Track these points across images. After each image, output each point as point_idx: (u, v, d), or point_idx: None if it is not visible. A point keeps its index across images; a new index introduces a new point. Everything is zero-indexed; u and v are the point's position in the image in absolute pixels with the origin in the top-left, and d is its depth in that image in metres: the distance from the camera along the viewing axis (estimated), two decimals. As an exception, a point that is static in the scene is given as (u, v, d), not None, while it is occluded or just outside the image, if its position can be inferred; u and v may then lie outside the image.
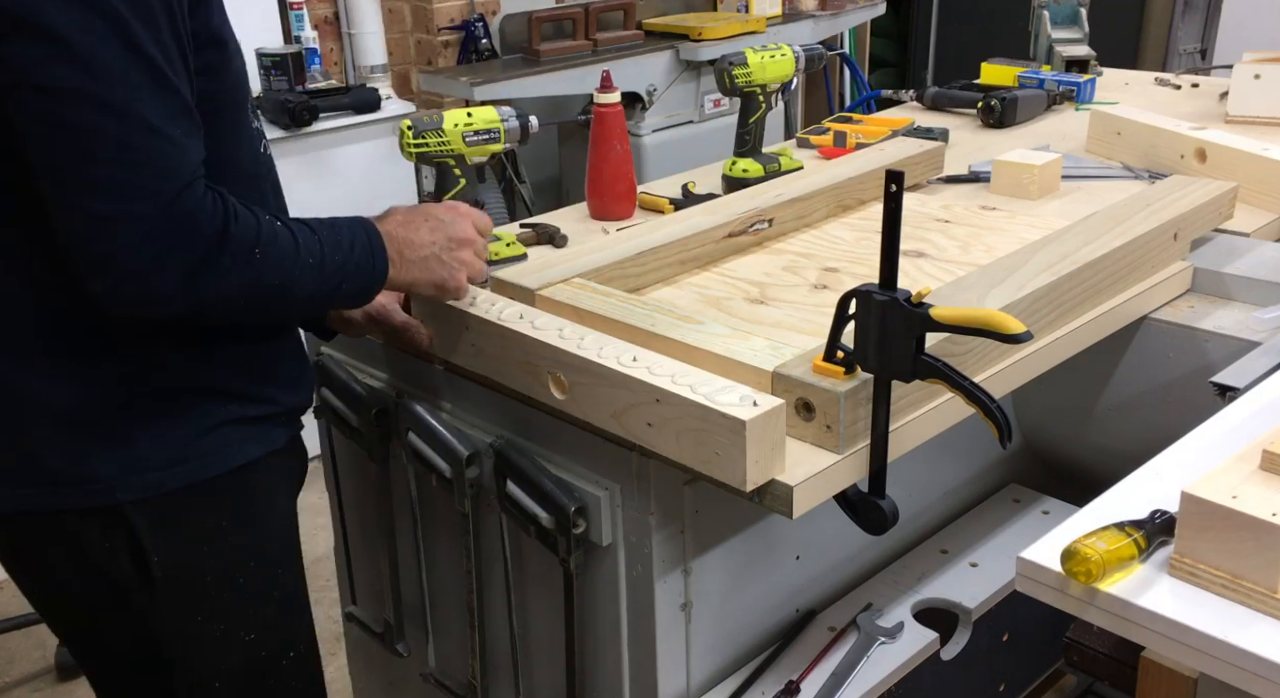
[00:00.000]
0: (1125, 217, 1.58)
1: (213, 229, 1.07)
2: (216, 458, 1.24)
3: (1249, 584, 0.92)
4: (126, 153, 1.01)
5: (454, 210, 1.32)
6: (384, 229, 1.25)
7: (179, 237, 1.05)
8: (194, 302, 1.08)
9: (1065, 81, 2.53)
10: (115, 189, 1.02)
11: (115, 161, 1.01)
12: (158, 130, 1.03)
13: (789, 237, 1.74)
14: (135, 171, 1.02)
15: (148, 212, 1.03)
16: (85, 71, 0.99)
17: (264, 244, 1.12)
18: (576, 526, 1.33)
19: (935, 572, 1.68)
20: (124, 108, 1.01)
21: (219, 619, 1.29)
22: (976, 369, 1.31)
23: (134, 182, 1.02)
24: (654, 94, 3.75)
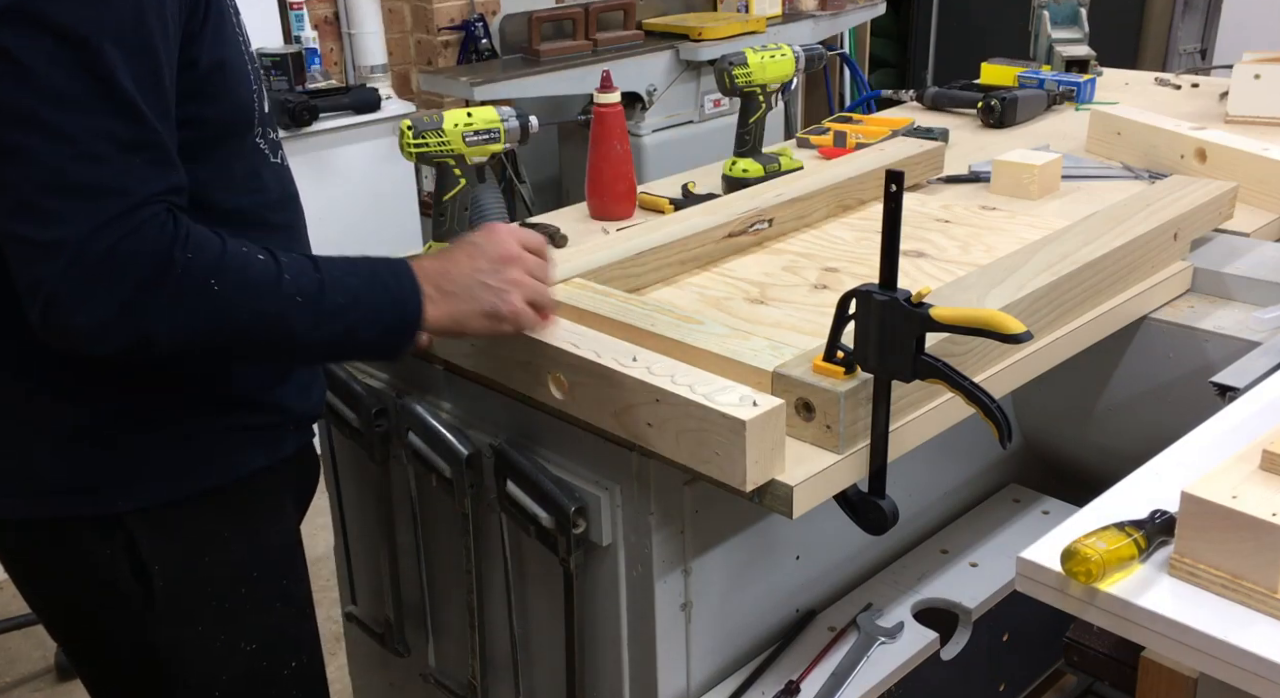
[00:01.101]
0: (1125, 217, 1.58)
1: (153, 257, 1.00)
2: (220, 467, 1.22)
3: (1249, 584, 0.92)
4: (60, 177, 0.97)
5: (491, 232, 1.23)
6: (416, 265, 1.16)
7: (108, 266, 0.99)
8: (135, 337, 1.02)
9: (1065, 81, 2.53)
10: (44, 215, 0.97)
11: (47, 186, 0.97)
12: (101, 157, 0.98)
13: (789, 237, 1.74)
14: (67, 198, 0.98)
15: (74, 238, 0.97)
16: (30, 92, 0.96)
17: (225, 275, 1.04)
18: (576, 526, 1.32)
19: (935, 572, 1.68)
20: (64, 131, 0.97)
21: (220, 629, 1.27)
22: (976, 369, 1.31)
23: (64, 208, 0.97)
24: (654, 94, 3.75)
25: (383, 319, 1.13)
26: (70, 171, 0.97)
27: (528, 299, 1.20)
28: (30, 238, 0.98)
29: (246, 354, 1.15)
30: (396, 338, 1.15)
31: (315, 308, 1.08)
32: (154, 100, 1.02)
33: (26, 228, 0.98)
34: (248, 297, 1.05)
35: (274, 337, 1.08)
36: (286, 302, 1.07)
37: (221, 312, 1.04)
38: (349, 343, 1.13)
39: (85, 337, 1.01)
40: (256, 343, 1.09)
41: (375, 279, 1.13)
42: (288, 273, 1.08)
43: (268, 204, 1.25)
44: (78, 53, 0.97)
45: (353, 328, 1.11)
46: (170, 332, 1.02)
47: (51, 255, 0.98)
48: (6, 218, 0.99)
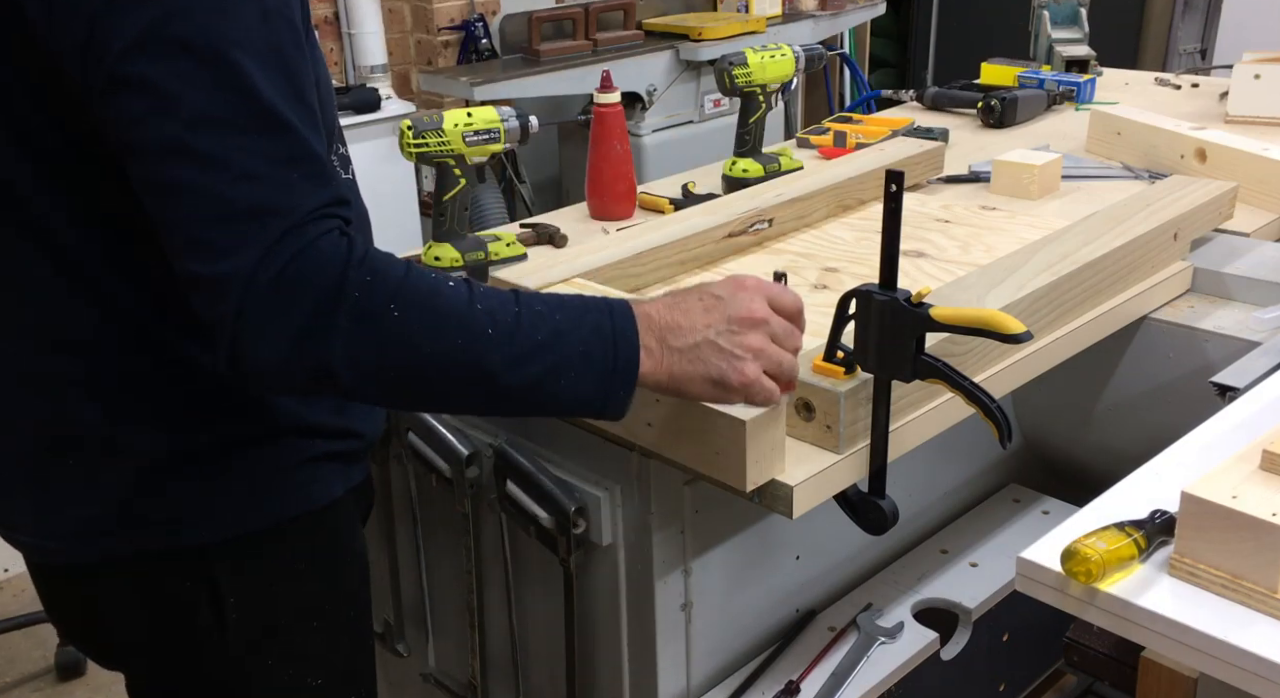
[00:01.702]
0: (1125, 217, 1.58)
1: (326, 280, 0.91)
2: (299, 497, 1.17)
3: (1249, 584, 0.92)
4: (220, 206, 0.91)
5: (739, 285, 1.05)
6: (641, 310, 1.02)
7: (280, 294, 0.91)
8: (316, 368, 0.93)
9: (1065, 81, 2.53)
10: (211, 249, 0.91)
11: (209, 218, 0.91)
12: (256, 174, 0.91)
13: (789, 237, 1.74)
14: (230, 226, 0.91)
15: (244, 269, 0.90)
16: (175, 120, 0.90)
17: (406, 300, 0.93)
18: (576, 526, 1.33)
19: (935, 572, 1.68)
20: (213, 157, 0.90)
21: (289, 664, 1.22)
22: (976, 369, 1.31)
23: (229, 237, 0.91)
24: (654, 94, 3.75)
25: (591, 365, 0.99)
26: (229, 198, 0.91)
27: (767, 370, 1.04)
28: (204, 275, 0.91)
29: (438, 393, 1.00)
30: (605, 388, 1.00)
31: (510, 343, 0.96)
32: (299, 109, 0.95)
33: (199, 266, 0.91)
34: (433, 325, 0.94)
35: (464, 373, 0.96)
36: (478, 334, 0.95)
37: (403, 341, 0.94)
38: (549, 389, 0.98)
39: (267, 373, 0.94)
40: (446, 379, 0.97)
41: (584, 318, 1.00)
42: (480, 303, 0.96)
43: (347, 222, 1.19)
44: (214, 70, 0.91)
45: (553, 371, 0.97)
46: (350, 362, 0.93)
47: (225, 291, 0.91)
48: (181, 260, 0.93)
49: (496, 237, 1.68)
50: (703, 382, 1.03)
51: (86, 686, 2.58)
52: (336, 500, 1.19)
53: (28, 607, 2.76)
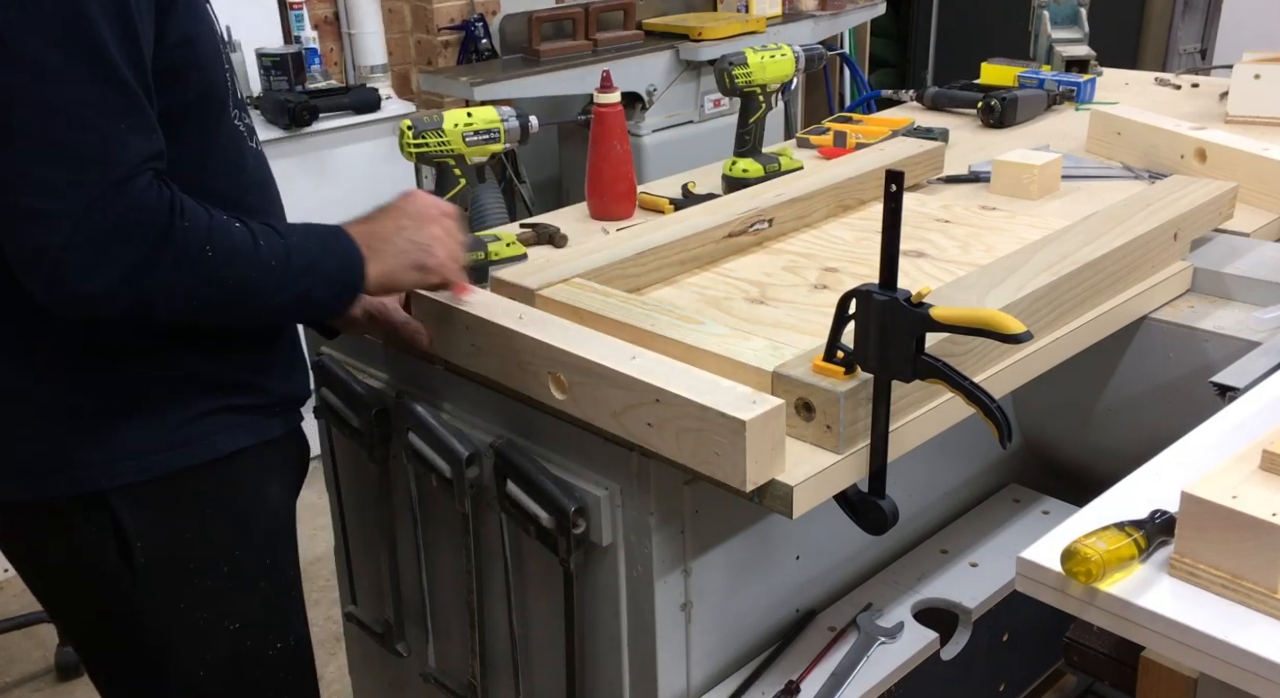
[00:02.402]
0: (1125, 217, 1.58)
1: (154, 225, 1.05)
2: (201, 446, 1.25)
3: (1249, 584, 0.92)
4: (53, 147, 1.00)
5: (409, 195, 1.31)
6: (348, 228, 1.24)
7: (115, 233, 1.03)
8: (138, 301, 1.06)
9: (1065, 81, 2.53)
10: (44, 185, 1.00)
11: (42, 156, 1.00)
12: (90, 124, 1.02)
13: (789, 237, 1.74)
14: (64, 166, 1.01)
15: (77, 206, 1.01)
16: (16, 68, 0.99)
17: (216, 242, 1.09)
18: (576, 526, 1.32)
19: (935, 572, 1.68)
20: (52, 102, 1.00)
21: (203, 607, 1.30)
22: (976, 369, 1.31)
23: (63, 177, 1.00)
24: (654, 94, 3.75)
25: (333, 281, 1.19)
26: (62, 140, 1.00)
27: (449, 254, 1.28)
28: (30, 208, 1.01)
29: (223, 317, 1.18)
30: (346, 297, 1.21)
31: (283, 273, 1.14)
32: (136, 67, 1.05)
33: (25, 198, 1.00)
34: (234, 262, 1.10)
35: (250, 299, 1.14)
36: (262, 267, 1.13)
37: (212, 277, 1.09)
38: (304, 304, 1.19)
39: (90, 303, 1.04)
40: (235, 306, 1.14)
41: (325, 244, 1.19)
42: (261, 239, 1.14)
43: (245, 187, 1.29)
44: (64, 22, 1.00)
45: (309, 290, 1.17)
46: (168, 297, 1.07)
47: (54, 224, 1.00)
48: (6, 191, 1.01)
49: (496, 236, 1.68)
50: (408, 270, 1.25)
51: (86, 685, 2.58)
52: (241, 451, 1.27)
53: (28, 607, 2.76)
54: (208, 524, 1.28)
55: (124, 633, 1.30)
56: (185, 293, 1.09)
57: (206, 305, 1.12)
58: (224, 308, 1.14)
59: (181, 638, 1.30)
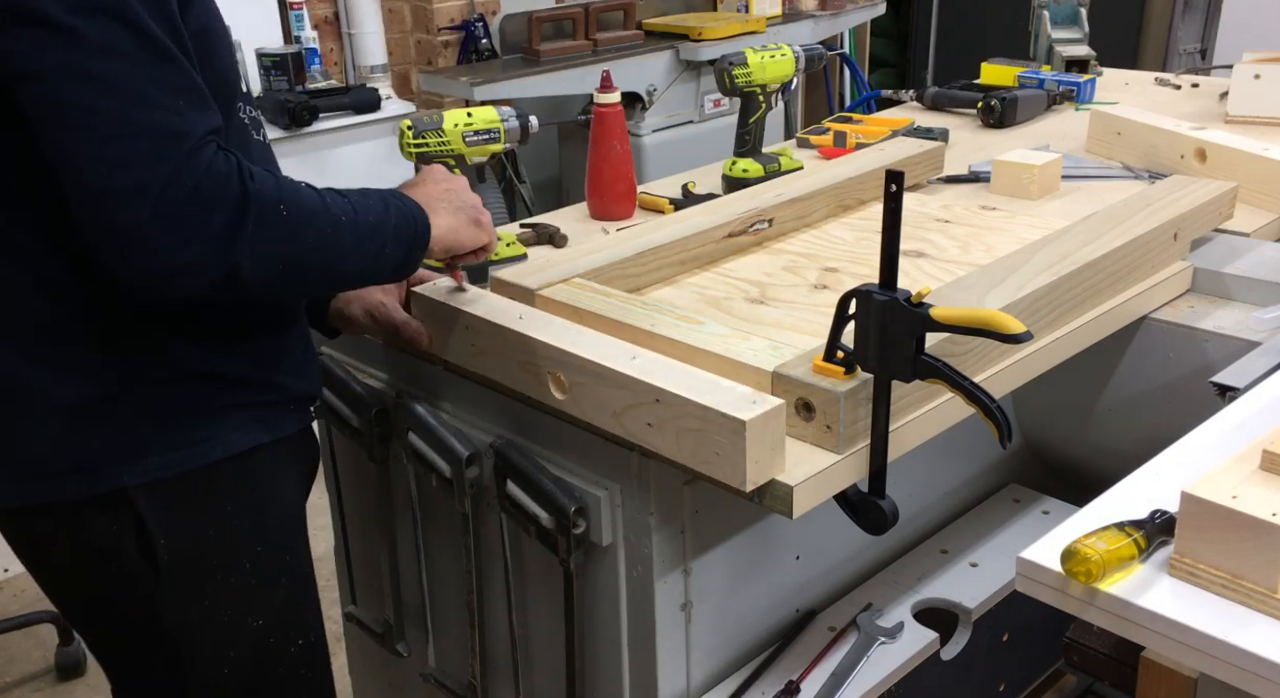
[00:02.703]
0: (1125, 217, 1.58)
1: (230, 189, 1.04)
2: (221, 443, 1.24)
3: (1249, 584, 0.92)
4: (126, 126, 1.00)
5: (431, 168, 1.34)
6: (411, 194, 1.25)
7: (196, 201, 1.02)
8: (228, 270, 1.05)
9: (1065, 81, 2.53)
10: (122, 163, 1.00)
11: (117, 136, 1.00)
12: (156, 101, 1.02)
13: (789, 237, 1.74)
14: (138, 142, 1.01)
15: (156, 181, 1.01)
16: (76, 50, 0.99)
17: (288, 201, 1.09)
18: (576, 526, 1.33)
19: (935, 572, 1.68)
20: (117, 82, 1.00)
21: (226, 605, 1.29)
22: (976, 369, 1.31)
23: (138, 153, 1.01)
24: (654, 94, 3.75)
25: (402, 237, 1.19)
26: (134, 118, 1.01)
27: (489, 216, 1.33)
28: (105, 187, 1.00)
29: (307, 283, 1.19)
30: (416, 253, 1.22)
31: (355, 228, 1.14)
32: (179, 46, 1.06)
33: (102, 179, 1.00)
34: (310, 220, 1.10)
35: (331, 260, 1.14)
36: (335, 224, 1.12)
37: (293, 235, 1.09)
38: (380, 262, 1.19)
39: (183, 276, 1.04)
40: (318, 268, 1.14)
41: (386, 202, 1.19)
42: (327, 197, 1.14)
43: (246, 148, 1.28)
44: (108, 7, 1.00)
45: (382, 246, 1.17)
46: (255, 263, 1.06)
47: (136, 201, 1.00)
48: (86, 174, 1.01)
49: (497, 237, 1.67)
50: (468, 226, 1.28)
51: (87, 685, 2.58)
52: (258, 447, 1.27)
53: (28, 607, 2.76)
54: (229, 521, 1.27)
55: (144, 634, 1.29)
56: (270, 255, 1.08)
57: (291, 269, 1.10)
58: (307, 271, 1.13)
59: (204, 637, 1.29)
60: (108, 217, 1.02)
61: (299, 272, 1.12)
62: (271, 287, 1.11)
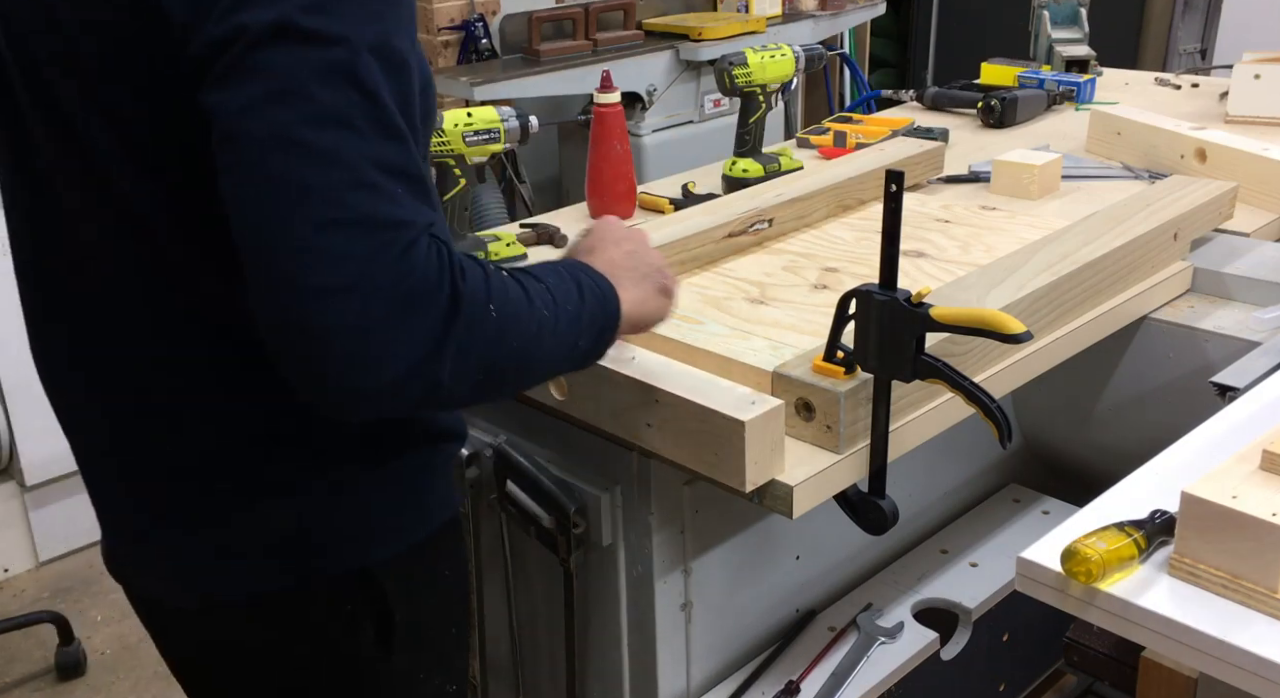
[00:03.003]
0: (1125, 217, 1.58)
1: (443, 292, 0.87)
2: (445, 502, 1.14)
3: (1249, 584, 0.92)
4: (341, 210, 0.83)
5: (605, 222, 1.17)
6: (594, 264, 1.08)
7: (407, 310, 0.85)
8: (428, 388, 0.88)
9: (1065, 81, 2.53)
10: (329, 255, 0.82)
11: (328, 222, 0.82)
12: (376, 184, 0.85)
13: (789, 237, 1.74)
14: (350, 232, 0.83)
15: (366, 280, 0.83)
16: (300, 114, 0.83)
17: (497, 298, 0.92)
18: (576, 526, 1.32)
19: (935, 572, 1.68)
20: (339, 156, 0.83)
21: (435, 673, 1.18)
22: (976, 369, 1.31)
23: (350, 244, 0.83)
24: (654, 94, 3.75)
25: (595, 324, 1.03)
26: (347, 203, 0.83)
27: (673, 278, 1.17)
28: (304, 283, 0.82)
29: (494, 392, 0.99)
30: (605, 340, 1.06)
31: (555, 325, 0.98)
32: (408, 121, 0.90)
33: (298, 270, 0.82)
34: (514, 320, 0.94)
35: (529, 364, 0.98)
36: (539, 321, 0.97)
37: (499, 339, 0.93)
38: (569, 359, 1.03)
39: (381, 396, 0.87)
40: (511, 373, 0.97)
41: (579, 283, 1.03)
42: (529, 288, 0.97)
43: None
44: (343, 67, 0.85)
45: (576, 341, 1.01)
46: (455, 373, 0.89)
47: (337, 303, 0.83)
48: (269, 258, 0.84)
49: (496, 237, 1.68)
50: (655, 295, 1.11)
51: (87, 685, 2.58)
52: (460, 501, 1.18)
53: (28, 607, 2.76)
54: (446, 586, 1.17)
55: None
56: (472, 365, 0.90)
57: (490, 377, 0.93)
58: (503, 379, 0.96)
59: None
60: (300, 316, 0.83)
61: (495, 380, 0.95)
62: (461, 398, 0.94)
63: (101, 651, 2.67)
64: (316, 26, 0.84)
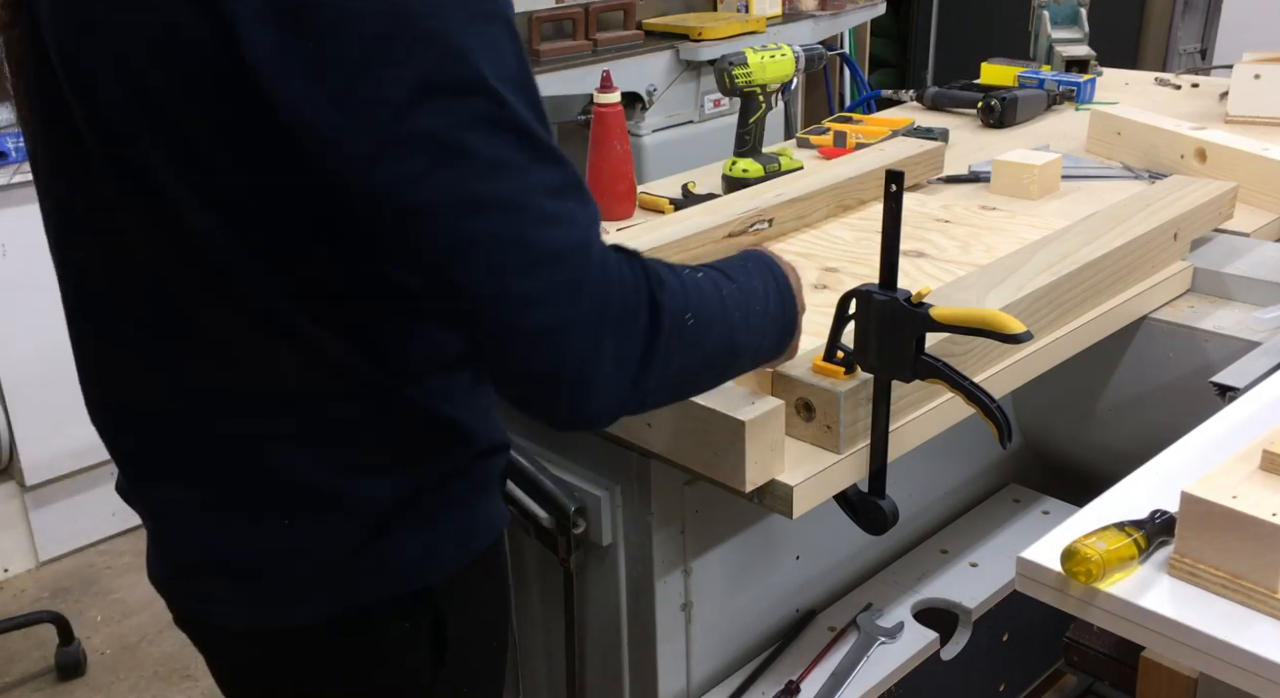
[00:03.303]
0: (1125, 217, 1.58)
1: (642, 306, 0.88)
2: (497, 518, 1.14)
3: (1249, 584, 0.92)
4: (531, 252, 0.83)
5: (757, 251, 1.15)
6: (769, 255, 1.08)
7: (618, 330, 0.87)
8: (641, 398, 0.91)
9: (1065, 81, 2.53)
10: (536, 298, 0.84)
11: (523, 266, 0.83)
12: (553, 214, 0.85)
13: (789, 237, 1.74)
14: (546, 271, 0.84)
15: (576, 312, 0.85)
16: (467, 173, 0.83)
17: (694, 305, 0.92)
18: (576, 526, 1.33)
19: (935, 572, 1.68)
20: (511, 204, 0.83)
21: (478, 688, 1.18)
22: (976, 369, 1.31)
23: (550, 282, 0.84)
24: (654, 94, 3.75)
25: (779, 322, 1.05)
26: (535, 242, 0.84)
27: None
28: (521, 328, 0.84)
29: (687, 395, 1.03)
30: (788, 341, 1.08)
31: (747, 322, 0.99)
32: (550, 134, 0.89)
33: (513, 319, 0.84)
34: (710, 326, 0.95)
35: (722, 369, 1.00)
36: (731, 326, 0.97)
37: (696, 347, 0.94)
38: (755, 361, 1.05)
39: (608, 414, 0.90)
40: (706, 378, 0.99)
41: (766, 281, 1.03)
42: (723, 288, 0.98)
43: None
44: (488, 111, 0.84)
45: (762, 340, 1.02)
46: (659, 383, 0.91)
47: (560, 341, 0.85)
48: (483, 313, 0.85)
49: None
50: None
51: (86, 685, 2.58)
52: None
53: (27, 607, 2.77)
54: (494, 602, 1.17)
55: None
56: (672, 375, 0.92)
57: (686, 384, 0.96)
58: (697, 385, 0.99)
59: None
60: (526, 361, 0.86)
61: (691, 384, 0.97)
62: (661, 403, 0.97)
63: (101, 651, 2.67)
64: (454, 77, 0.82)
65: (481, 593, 1.14)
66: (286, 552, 1.03)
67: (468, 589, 1.11)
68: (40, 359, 2.75)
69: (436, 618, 1.09)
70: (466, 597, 1.11)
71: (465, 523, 1.09)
